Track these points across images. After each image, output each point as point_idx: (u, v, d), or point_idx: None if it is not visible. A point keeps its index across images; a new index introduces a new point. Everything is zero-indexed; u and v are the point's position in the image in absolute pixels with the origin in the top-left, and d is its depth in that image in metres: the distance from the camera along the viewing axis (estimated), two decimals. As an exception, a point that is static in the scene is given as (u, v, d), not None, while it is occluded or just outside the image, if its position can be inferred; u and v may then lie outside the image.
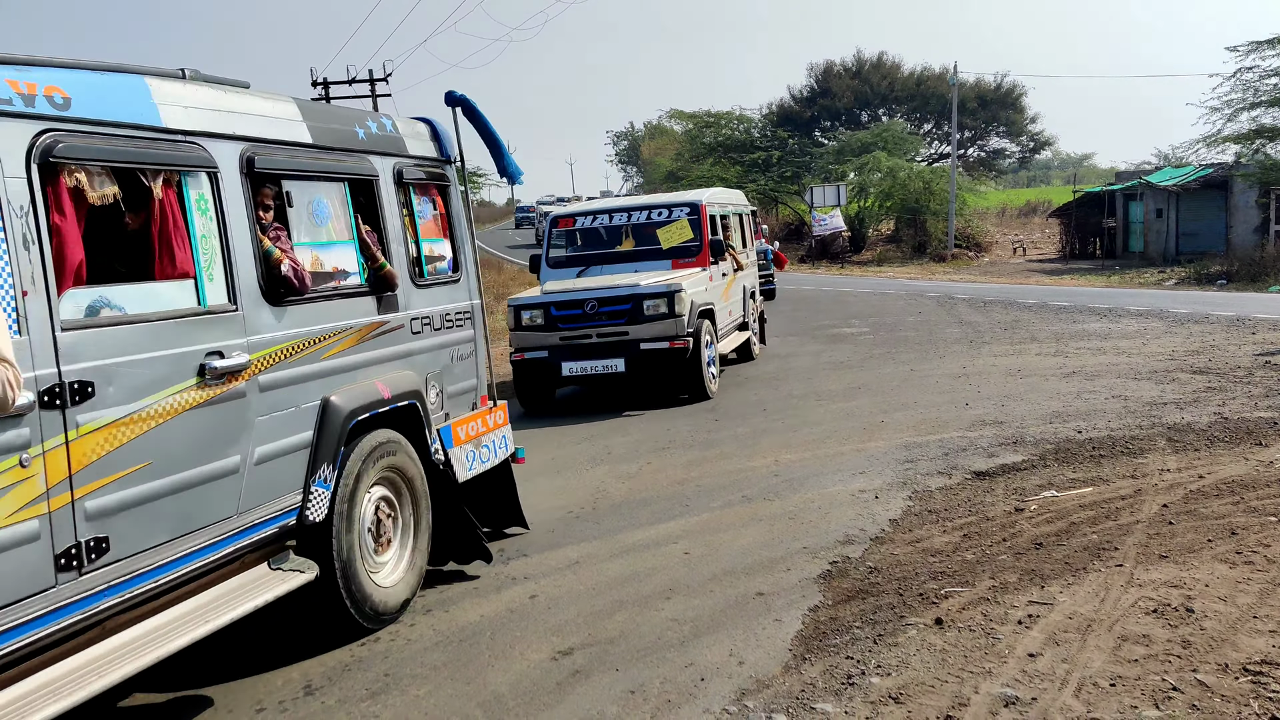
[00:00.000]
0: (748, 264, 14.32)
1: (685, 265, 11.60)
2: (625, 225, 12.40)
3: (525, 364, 10.94)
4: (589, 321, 10.69)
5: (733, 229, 13.67)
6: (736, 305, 13.39)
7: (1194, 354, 11.66)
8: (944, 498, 6.50)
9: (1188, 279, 25.44)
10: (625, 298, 10.69)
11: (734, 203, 14.52)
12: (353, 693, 4.35)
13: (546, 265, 12.55)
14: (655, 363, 10.65)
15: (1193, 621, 4.25)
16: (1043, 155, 66.16)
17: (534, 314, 10.91)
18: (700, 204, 12.17)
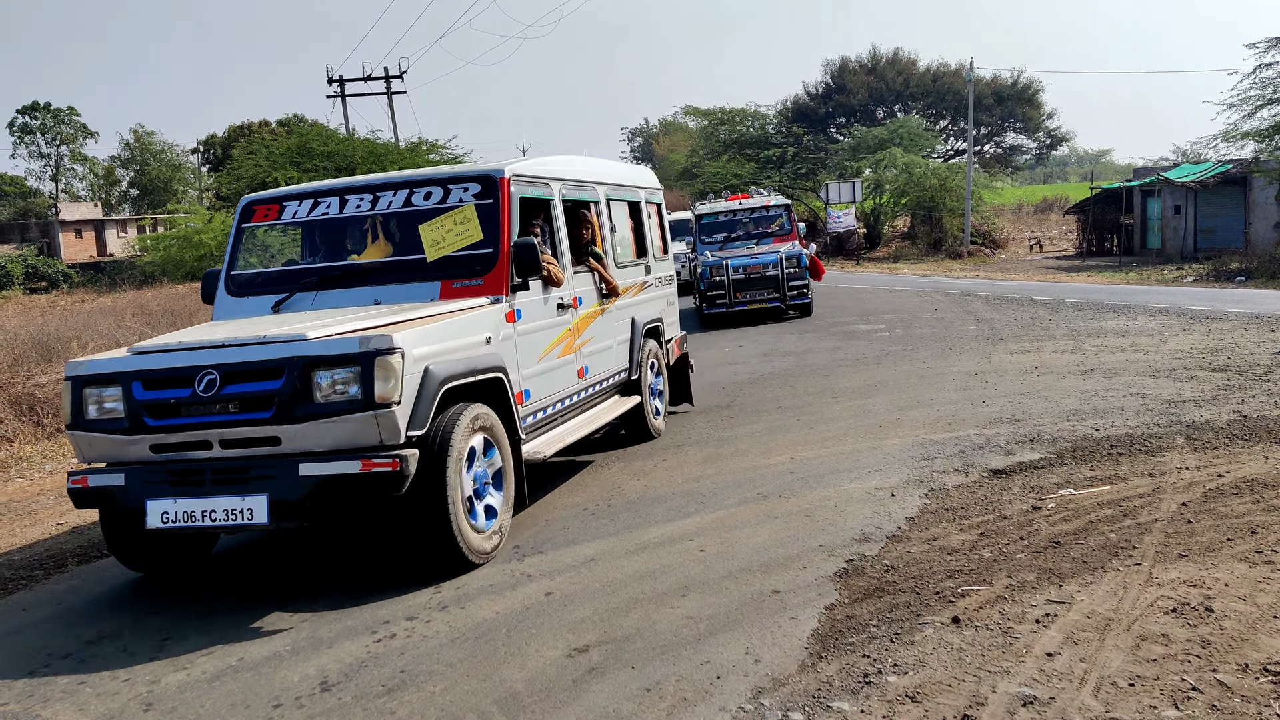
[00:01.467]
0: (641, 283, 9.32)
1: (466, 291, 6.64)
2: (371, 218, 7.34)
3: (85, 498, 5.72)
4: (206, 414, 5.42)
5: (612, 225, 8.80)
6: (609, 356, 8.43)
7: (1213, 351, 11.58)
8: (961, 496, 6.48)
9: (1206, 276, 25.27)
10: (270, 365, 5.39)
11: (615, 181, 9.11)
12: (369, 689, 4.36)
13: (228, 290, 7.31)
14: (331, 505, 5.38)
15: (1212, 621, 4.22)
16: (1060, 151, 65.75)
17: (103, 397, 5.66)
18: (500, 177, 6.91)
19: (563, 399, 7.49)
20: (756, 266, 18.92)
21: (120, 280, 45.51)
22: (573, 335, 7.62)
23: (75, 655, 5.10)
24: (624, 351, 8.71)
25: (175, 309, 20.71)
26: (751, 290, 18.90)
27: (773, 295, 18.89)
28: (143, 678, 4.73)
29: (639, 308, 9.12)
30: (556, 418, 7.38)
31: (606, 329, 8.31)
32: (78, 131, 78.83)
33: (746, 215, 20.33)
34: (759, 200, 20.68)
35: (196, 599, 5.85)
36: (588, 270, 8.06)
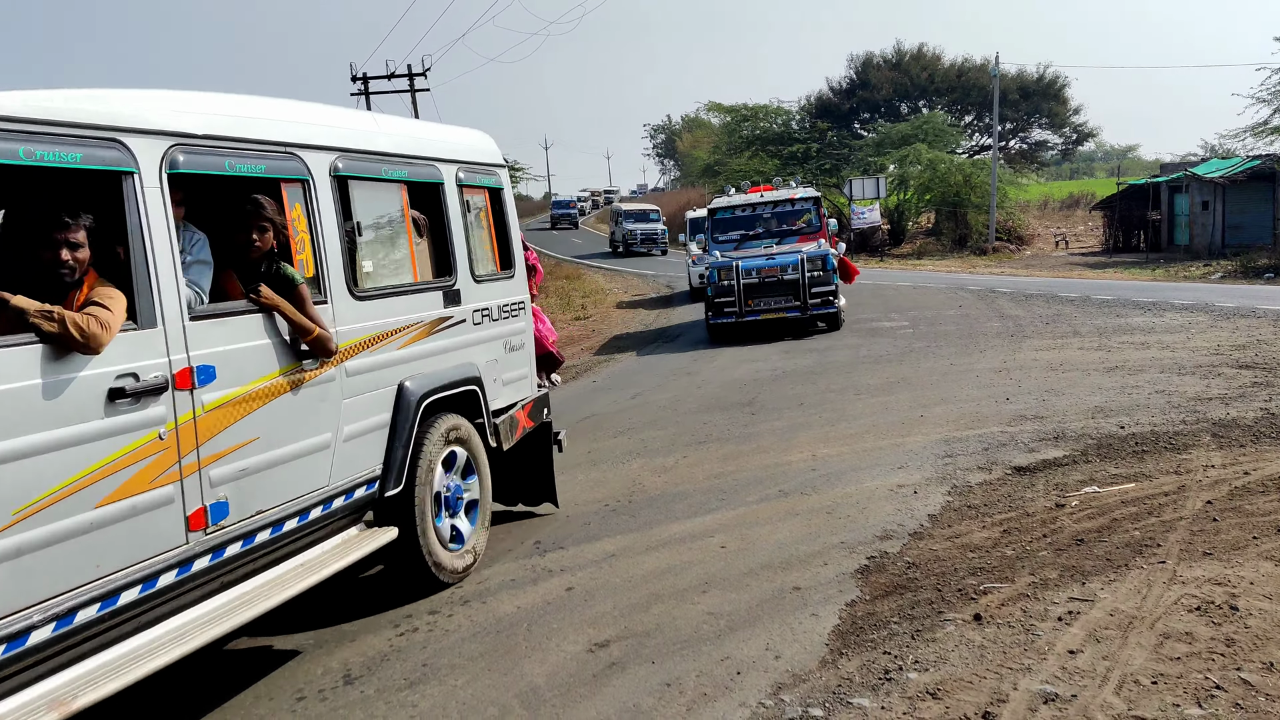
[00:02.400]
0: (431, 322, 5.58)
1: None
2: None
3: None
4: None
5: (349, 225, 5.02)
6: (311, 466, 4.65)
7: (1240, 348, 11.47)
8: (984, 493, 6.45)
9: (1234, 272, 25.02)
10: None
11: (361, 147, 5.18)
12: (391, 682, 4.39)
13: None
14: None
15: (1236, 619, 4.19)
16: (1086, 147, 65.15)
17: None
18: None
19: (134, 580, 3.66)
20: (772, 269, 16.15)
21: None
22: (175, 446, 3.83)
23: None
24: (367, 448, 4.99)
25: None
26: (766, 297, 16.19)
27: (792, 303, 16.09)
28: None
29: (419, 364, 5.38)
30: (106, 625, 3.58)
31: (311, 414, 4.60)
32: (105, 130, 79.56)
33: (768, 210, 17.81)
34: (782, 193, 18.28)
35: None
36: (255, 311, 4.37)
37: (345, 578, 5.85)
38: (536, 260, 10.01)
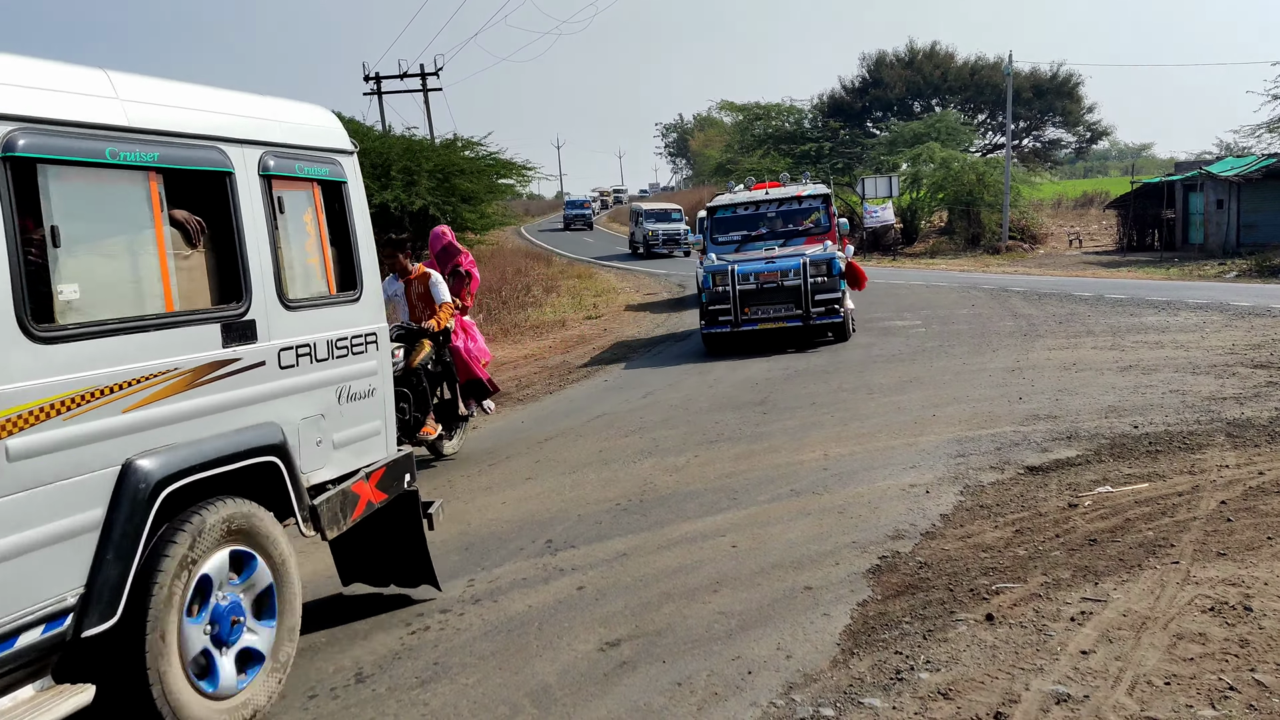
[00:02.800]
0: (194, 370, 3.91)
1: None
2: None
3: None
4: None
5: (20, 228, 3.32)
6: None
7: (1255, 348, 11.41)
8: (996, 493, 6.43)
9: (1249, 271, 24.87)
10: None
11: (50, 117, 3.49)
12: (403, 680, 4.40)
13: None
14: None
15: (1251, 620, 4.17)
16: (1100, 146, 64.91)
17: None
18: None
19: None
20: (771, 274, 14.75)
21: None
22: None
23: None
24: (55, 565, 3.38)
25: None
26: (765, 304, 14.76)
27: (793, 311, 14.63)
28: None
29: (166, 431, 3.79)
30: None
31: None
32: (120, 129, 79.93)
33: (772, 209, 16.45)
34: (788, 190, 16.87)
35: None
36: None
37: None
38: (472, 265, 9.64)
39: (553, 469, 8.27)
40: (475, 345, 9.24)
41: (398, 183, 24.29)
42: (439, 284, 8.77)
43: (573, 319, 21.39)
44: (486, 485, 7.93)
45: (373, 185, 24.17)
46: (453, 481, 8.15)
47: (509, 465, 8.58)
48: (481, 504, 7.36)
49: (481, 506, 7.28)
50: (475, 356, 9.12)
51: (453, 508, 7.29)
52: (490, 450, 9.31)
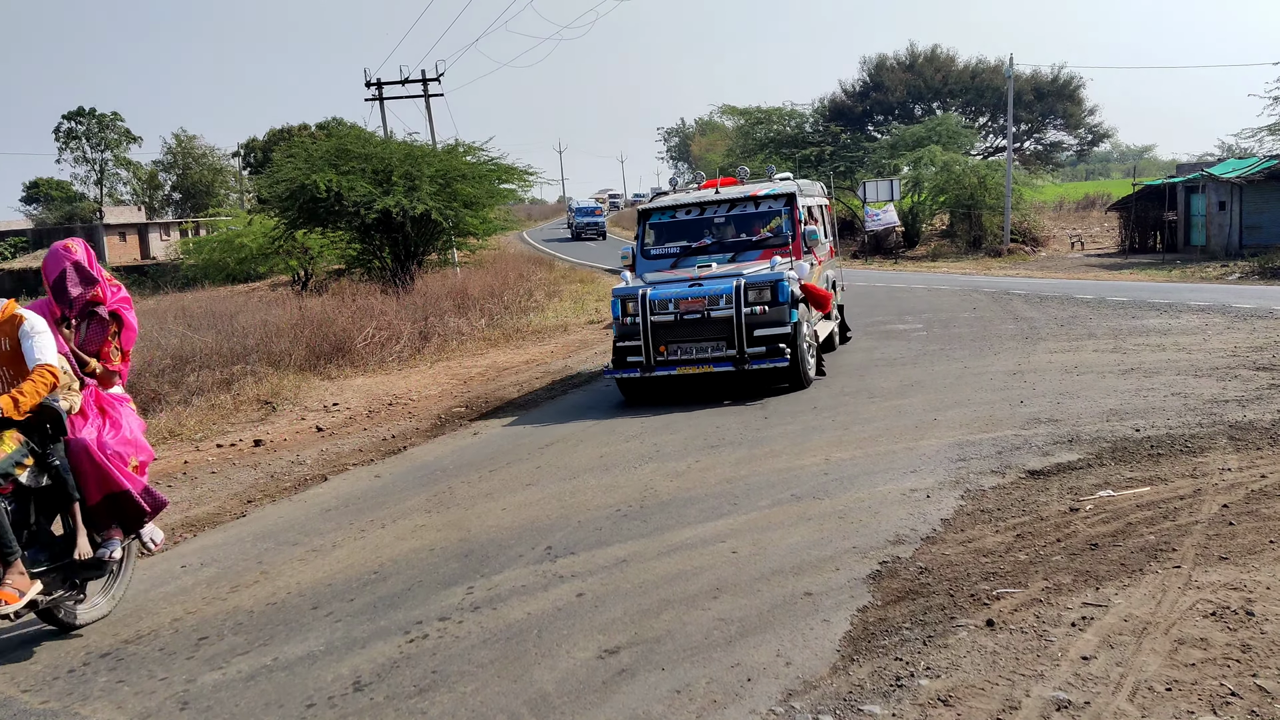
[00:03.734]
0: None
1: None
2: None
3: None
4: None
5: None
6: None
7: (1258, 350, 11.38)
8: (997, 497, 6.41)
9: (1251, 273, 24.85)
10: None
11: None
12: (401, 689, 4.38)
13: None
14: None
15: (1253, 625, 4.15)
16: (1101, 148, 64.88)
17: None
18: None
19: None
20: (695, 300, 11.12)
21: (163, 283, 46.15)
22: None
23: (114, 654, 5.17)
24: None
25: (217, 310, 20.95)
26: (687, 341, 11.15)
27: (723, 351, 11.04)
28: (179, 677, 4.79)
29: None
30: None
31: None
32: (121, 136, 79.98)
33: (721, 212, 12.75)
34: (743, 189, 13.05)
35: (231, 601, 5.91)
36: None
37: (367, 574, 5.85)
38: (126, 305, 6.04)
39: (553, 475, 8.25)
40: (119, 436, 5.71)
41: (399, 188, 24.31)
42: (39, 335, 5.32)
43: (574, 324, 21.37)
44: (486, 491, 7.92)
45: (375, 191, 24.20)
46: (453, 488, 8.13)
47: (509, 471, 8.57)
48: (481, 510, 7.34)
49: (481, 513, 7.27)
50: (118, 455, 5.59)
51: (452, 515, 7.28)
52: (491, 457, 9.29)
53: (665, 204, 13.08)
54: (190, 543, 7.34)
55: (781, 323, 10.89)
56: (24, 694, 4.76)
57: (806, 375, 11.28)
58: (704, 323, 11.01)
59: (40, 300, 5.81)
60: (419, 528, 7.03)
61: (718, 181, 13.62)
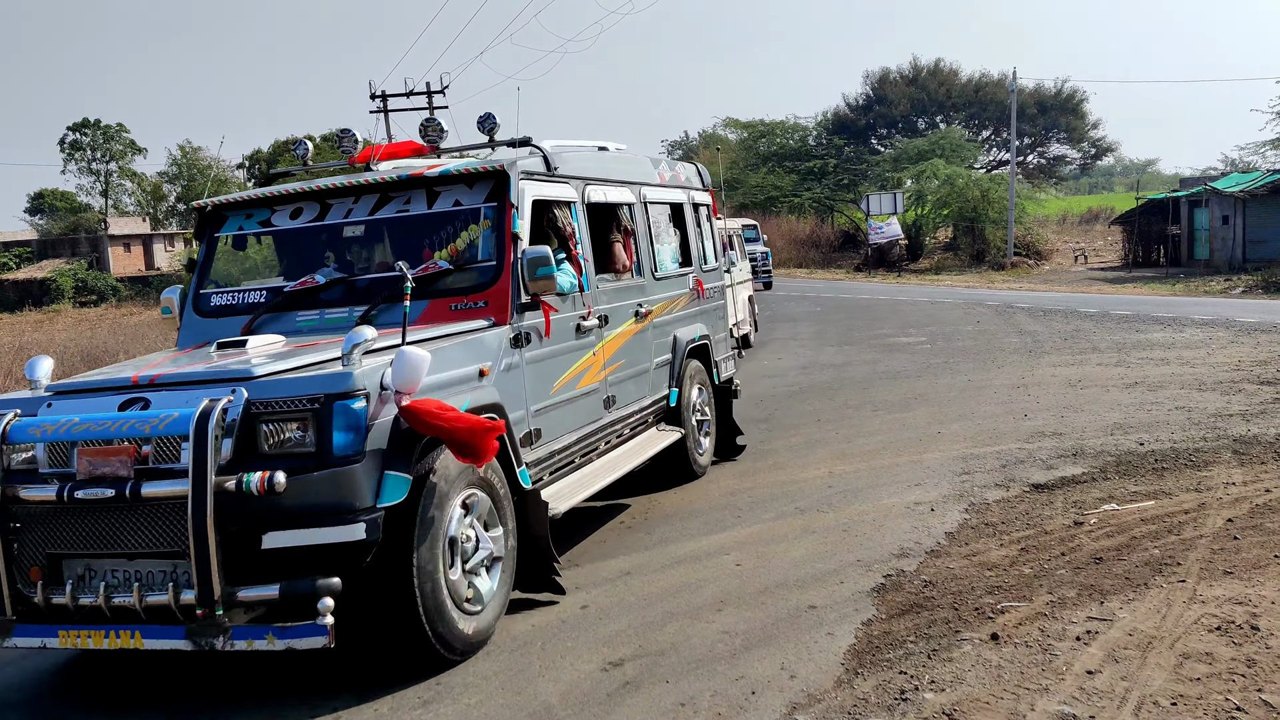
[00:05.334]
0: None
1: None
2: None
3: None
4: None
5: None
6: None
7: (1261, 364, 11.38)
8: (1001, 510, 6.41)
9: (1255, 287, 24.86)
10: None
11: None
12: (405, 701, 4.38)
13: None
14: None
15: (1258, 639, 4.14)
16: (1105, 162, 65.02)
17: None
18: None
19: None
20: (114, 450, 4.18)
21: (168, 294, 46.19)
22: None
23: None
24: None
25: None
26: (98, 554, 4.27)
27: (158, 598, 4.10)
28: (183, 687, 4.76)
29: None
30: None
31: None
32: (126, 148, 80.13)
33: (359, 215, 5.87)
34: (411, 164, 6.42)
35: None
36: None
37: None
38: None
39: (557, 487, 8.24)
40: None
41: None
42: None
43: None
44: (490, 503, 7.91)
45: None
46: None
47: (513, 483, 8.56)
48: (485, 522, 7.33)
49: (485, 525, 7.26)
50: None
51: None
52: (494, 468, 9.29)
53: (251, 197, 6.25)
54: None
55: (339, 511, 4.12)
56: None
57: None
58: (129, 507, 4.16)
59: None
60: (423, 539, 7.02)
61: (383, 149, 6.83)
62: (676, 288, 7.82)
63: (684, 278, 8.02)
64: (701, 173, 9.03)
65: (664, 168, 8.13)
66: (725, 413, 8.70)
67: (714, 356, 8.40)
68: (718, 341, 8.58)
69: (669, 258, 7.86)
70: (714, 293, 8.72)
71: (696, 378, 8.04)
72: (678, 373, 7.61)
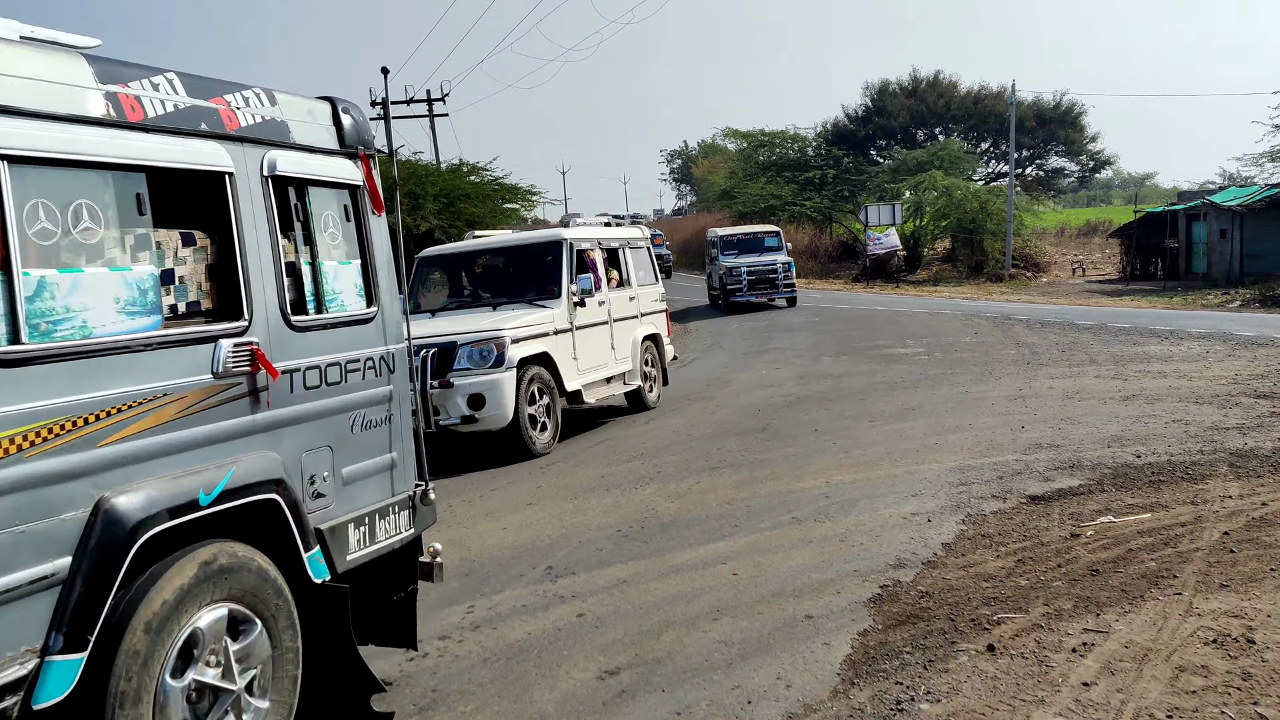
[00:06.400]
0: None
1: None
2: None
3: None
4: None
5: None
6: None
7: (1258, 378, 11.40)
8: (998, 522, 6.41)
9: (1252, 301, 24.89)
10: None
11: None
12: (401, 709, 4.38)
13: None
14: None
15: (1254, 653, 4.15)
16: (1103, 174, 65.18)
17: None
18: None
19: None
20: None
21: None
22: None
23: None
24: None
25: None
26: None
27: None
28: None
29: None
30: None
31: None
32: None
33: None
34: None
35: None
36: None
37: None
38: None
39: (554, 495, 8.25)
40: None
41: (403, 207, 24.43)
42: None
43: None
44: (487, 511, 7.92)
45: (376, 210, 24.18)
46: (454, 507, 8.13)
47: (511, 491, 8.57)
48: (482, 530, 7.34)
49: (482, 532, 7.27)
50: None
51: (453, 533, 7.28)
52: (492, 476, 9.30)
53: None
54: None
55: None
56: None
57: None
58: None
59: None
60: (419, 546, 7.03)
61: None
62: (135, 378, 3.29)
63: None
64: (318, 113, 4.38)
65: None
66: None
67: None
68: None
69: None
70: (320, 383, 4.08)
71: None
72: None
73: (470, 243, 12.21)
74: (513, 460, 9.88)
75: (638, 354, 12.18)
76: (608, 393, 11.57)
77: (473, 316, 10.50)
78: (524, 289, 11.03)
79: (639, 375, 12.20)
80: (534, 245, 11.53)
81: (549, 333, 10.38)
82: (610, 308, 11.69)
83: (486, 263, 11.76)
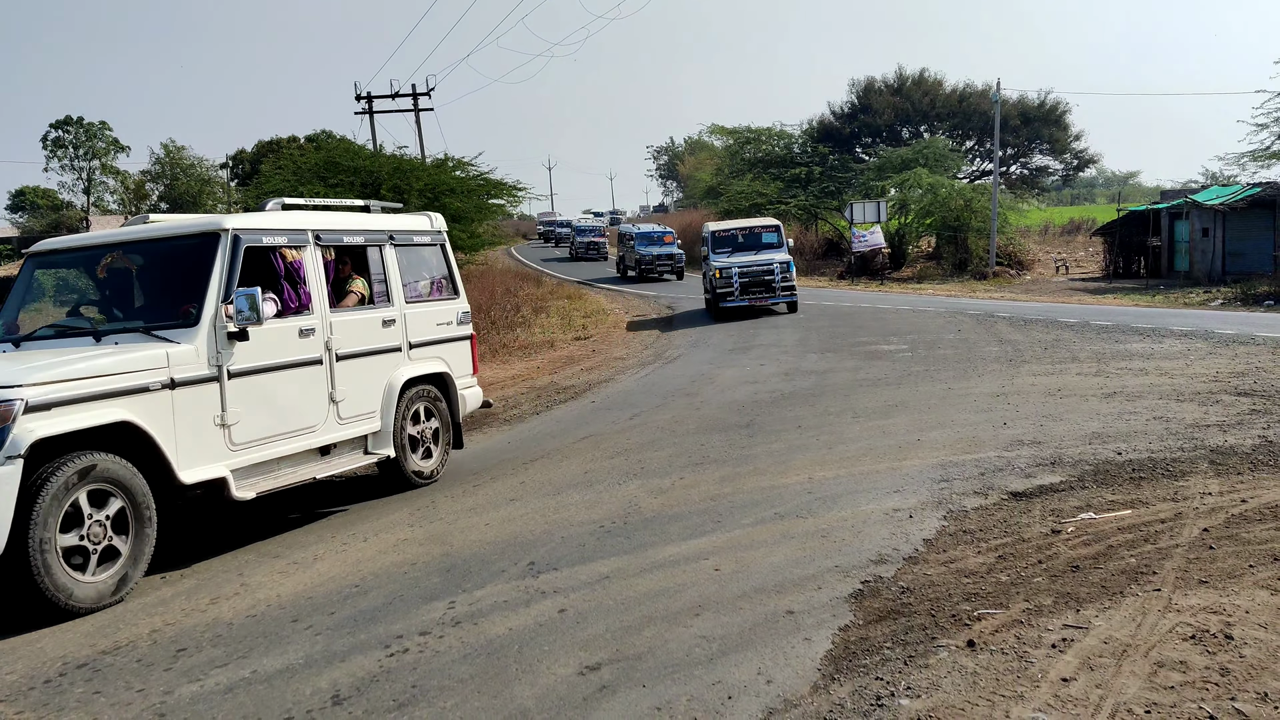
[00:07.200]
0: None
1: None
2: None
3: None
4: None
5: None
6: None
7: (1239, 376, 11.46)
8: (979, 518, 6.42)
9: (1234, 299, 25.04)
10: None
11: None
12: (380, 703, 4.36)
13: None
14: None
15: (1232, 649, 4.17)
16: (1087, 173, 65.54)
17: None
18: None
19: None
20: None
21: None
22: None
23: (90, 665, 5.13)
24: None
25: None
26: None
27: None
28: (156, 688, 4.75)
29: None
30: None
31: None
32: (109, 145, 79.68)
33: None
34: None
35: (210, 613, 5.87)
36: None
37: (348, 587, 5.82)
38: None
39: (537, 491, 8.24)
40: None
41: (387, 200, 24.34)
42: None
43: (561, 340, 21.38)
44: (470, 507, 7.90)
45: (361, 203, 24.12)
46: (436, 503, 8.11)
47: (493, 487, 8.55)
48: (464, 525, 7.32)
49: (464, 528, 7.24)
50: None
51: (435, 529, 7.26)
52: (475, 472, 9.27)
53: None
54: (170, 554, 7.28)
55: None
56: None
57: None
58: None
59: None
60: (401, 542, 7.01)
61: None
62: None
63: None
64: None
65: None
66: None
67: None
68: None
69: None
70: None
71: None
72: None
73: (95, 234, 8.41)
74: (495, 457, 9.85)
75: (392, 406, 8.50)
76: (316, 471, 7.72)
77: (55, 353, 6.64)
78: (156, 306, 7.44)
79: (392, 438, 8.47)
80: (171, 240, 7.54)
81: (146, 386, 6.41)
82: (331, 337, 7.94)
83: (113, 264, 7.73)
